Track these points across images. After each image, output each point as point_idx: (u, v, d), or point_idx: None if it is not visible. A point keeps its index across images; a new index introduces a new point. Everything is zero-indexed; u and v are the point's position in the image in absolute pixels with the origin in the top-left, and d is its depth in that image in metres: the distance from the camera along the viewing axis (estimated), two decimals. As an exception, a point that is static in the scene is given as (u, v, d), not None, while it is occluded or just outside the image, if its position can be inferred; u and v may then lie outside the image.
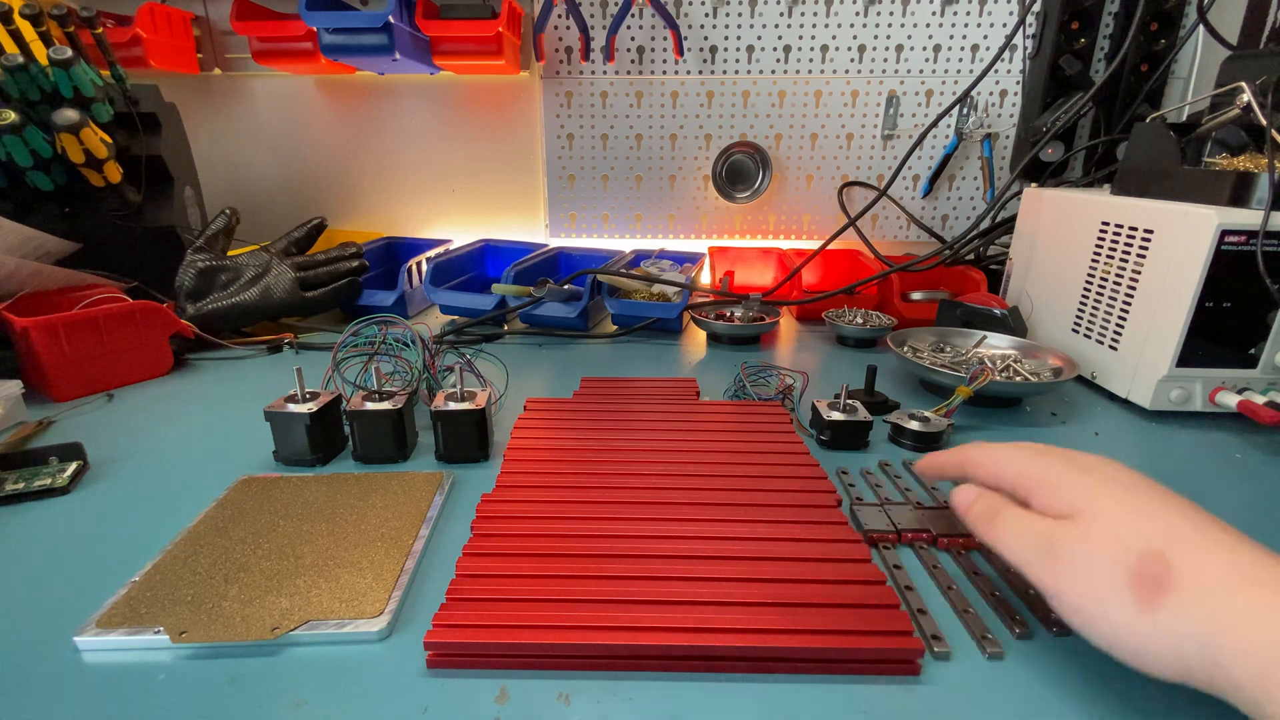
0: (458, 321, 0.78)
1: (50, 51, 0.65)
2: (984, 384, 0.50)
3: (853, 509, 0.39)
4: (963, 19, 0.91)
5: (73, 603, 0.31)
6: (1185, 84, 0.89)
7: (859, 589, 0.31)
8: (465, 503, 0.41)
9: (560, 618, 0.29)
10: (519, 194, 1.05)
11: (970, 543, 0.36)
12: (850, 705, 0.26)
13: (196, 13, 0.94)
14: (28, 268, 0.61)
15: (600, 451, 0.45)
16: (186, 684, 0.27)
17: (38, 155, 0.66)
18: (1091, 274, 0.61)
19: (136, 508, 0.40)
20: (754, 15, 0.92)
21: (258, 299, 0.71)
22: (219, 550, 0.35)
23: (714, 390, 0.59)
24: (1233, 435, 0.52)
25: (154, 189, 0.77)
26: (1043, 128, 0.83)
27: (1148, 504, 0.26)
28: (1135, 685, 0.27)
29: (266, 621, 0.29)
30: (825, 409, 0.49)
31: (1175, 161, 0.56)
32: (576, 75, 0.96)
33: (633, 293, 0.77)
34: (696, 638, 0.28)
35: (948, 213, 1.00)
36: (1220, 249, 0.49)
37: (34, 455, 0.44)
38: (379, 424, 0.45)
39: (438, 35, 0.86)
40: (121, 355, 0.59)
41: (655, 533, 0.35)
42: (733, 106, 0.97)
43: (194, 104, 0.99)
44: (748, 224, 1.03)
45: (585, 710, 0.26)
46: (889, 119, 0.96)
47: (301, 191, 1.06)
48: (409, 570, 0.34)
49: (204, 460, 0.47)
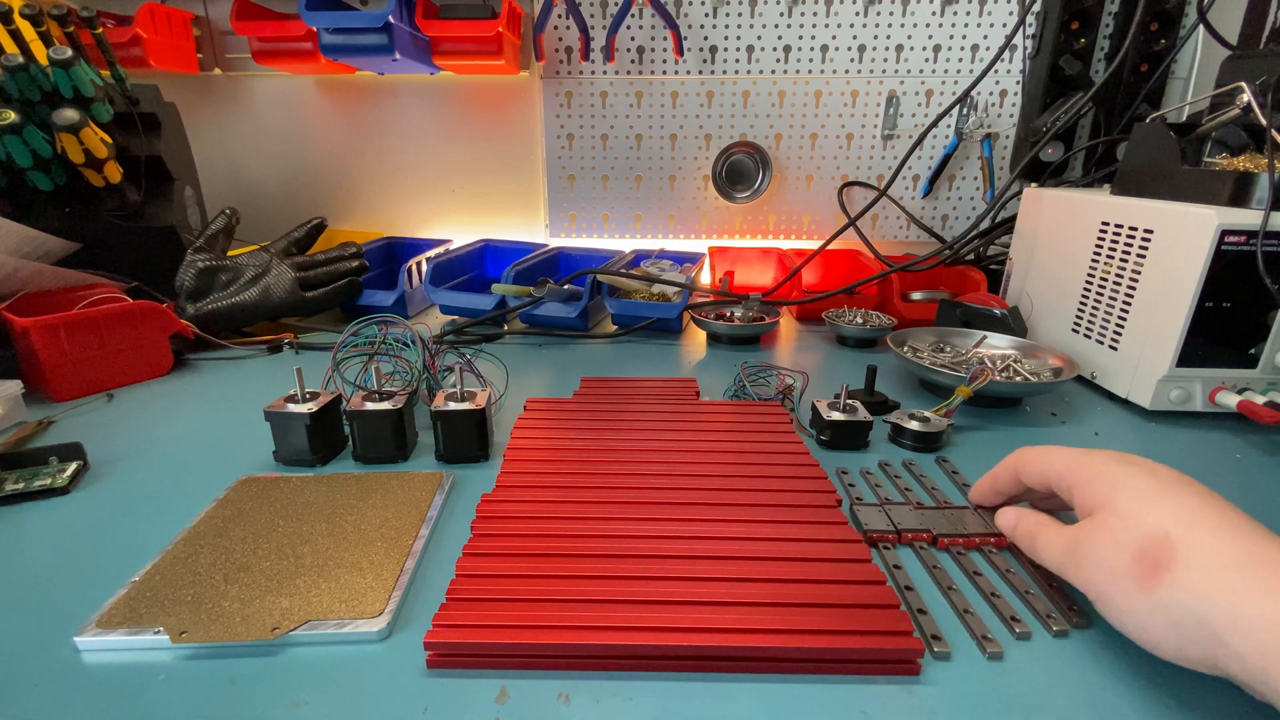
0: (458, 321, 0.78)
1: (50, 51, 0.65)
2: (984, 384, 0.50)
3: (853, 509, 0.39)
4: (963, 19, 0.91)
5: (73, 603, 0.31)
6: (1185, 84, 0.89)
7: (859, 589, 0.31)
8: (465, 503, 0.41)
9: (560, 618, 0.29)
10: (519, 194, 1.05)
11: (970, 543, 0.36)
12: (850, 705, 0.26)
13: (196, 13, 0.94)
14: (28, 268, 0.61)
15: (600, 451, 0.45)
16: (186, 684, 0.27)
17: (38, 155, 0.66)
18: (1091, 274, 0.61)
19: (136, 508, 0.40)
20: (754, 15, 0.92)
21: (258, 299, 0.71)
22: (219, 550, 0.35)
23: (714, 390, 0.59)
24: (1233, 435, 0.52)
25: (154, 189, 0.77)
26: (1043, 128, 0.83)
27: (1170, 495, 0.27)
28: (1135, 685, 0.27)
29: (266, 621, 0.29)
30: (825, 409, 0.49)
31: (1175, 161, 0.56)
32: (576, 75, 0.96)
33: (633, 293, 0.77)
34: (696, 638, 0.28)
35: (948, 213, 1.00)
36: (1220, 249, 0.49)
37: (34, 455, 0.44)
38: (379, 424, 0.45)
39: (438, 35, 0.86)
40: (121, 355, 0.59)
41: (655, 533, 0.35)
42: (733, 106, 0.97)
43: (194, 104, 0.99)
44: (748, 224, 1.03)
45: (585, 710, 0.26)
46: (889, 119, 0.96)
47: (301, 191, 1.06)
48: (409, 570, 0.34)
49: (204, 460, 0.47)
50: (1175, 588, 0.24)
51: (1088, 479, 0.30)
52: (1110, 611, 0.27)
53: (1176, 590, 0.24)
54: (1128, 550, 0.26)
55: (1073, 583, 0.29)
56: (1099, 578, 0.27)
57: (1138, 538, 0.26)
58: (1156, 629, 0.25)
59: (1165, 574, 0.25)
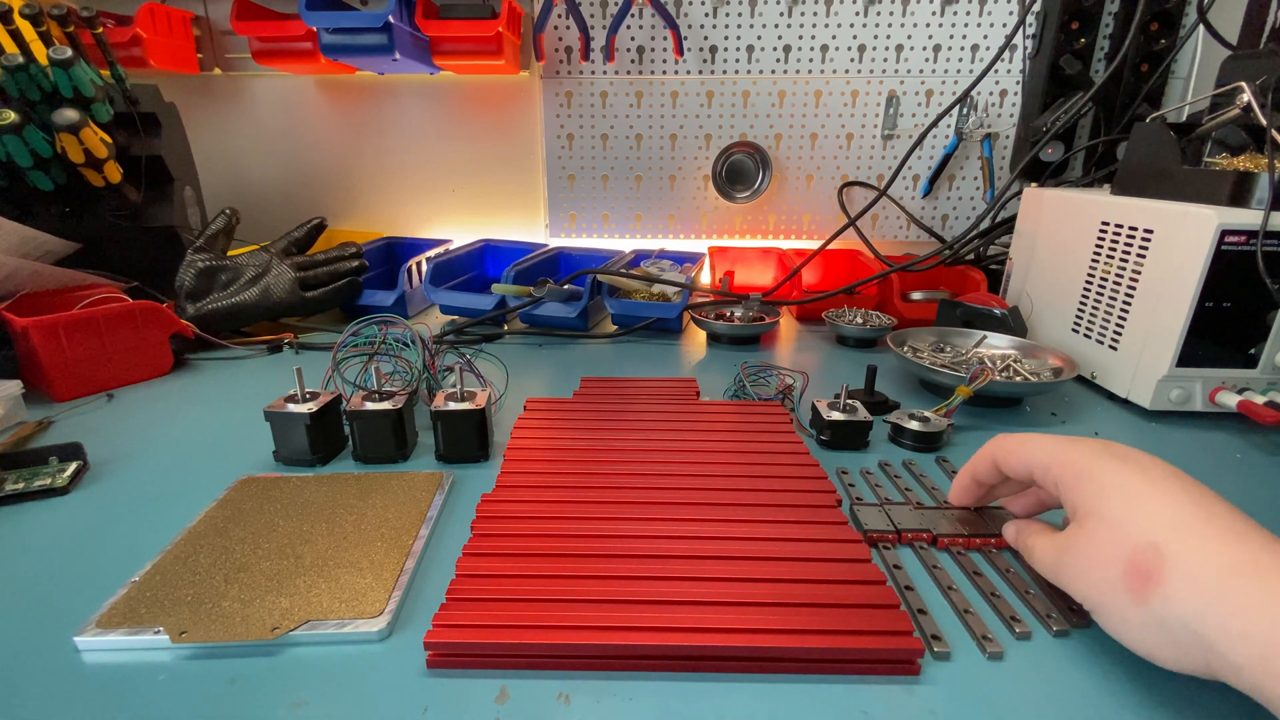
0: (458, 321, 0.78)
1: (50, 51, 0.65)
2: (984, 384, 0.50)
3: (853, 509, 0.39)
4: (963, 19, 0.91)
5: (73, 603, 0.31)
6: (1185, 84, 0.89)
7: (859, 589, 0.31)
8: (465, 503, 0.41)
9: (560, 618, 0.29)
10: (519, 194, 1.05)
11: (970, 543, 0.36)
12: (850, 705, 0.26)
13: (196, 13, 0.94)
14: (28, 268, 0.61)
15: (600, 451, 0.45)
16: (186, 684, 0.27)
17: (38, 155, 0.66)
18: (1091, 274, 0.61)
19: (136, 508, 0.40)
20: (754, 15, 0.92)
21: (258, 299, 0.71)
22: (219, 550, 0.35)
23: (714, 390, 0.59)
24: (1233, 435, 0.52)
25: (154, 189, 0.77)
26: (1043, 128, 0.83)
27: (1159, 497, 0.26)
28: (1135, 686, 0.27)
29: (266, 621, 0.29)
30: (825, 409, 0.49)
31: (1175, 161, 0.56)
32: (576, 75, 0.96)
33: (633, 293, 0.77)
34: (696, 638, 0.28)
35: (948, 213, 1.00)
36: (1220, 249, 0.49)
37: (34, 455, 0.44)
38: (379, 424, 0.45)
39: (438, 35, 0.86)
40: (121, 355, 0.59)
41: (655, 533, 0.35)
42: (733, 106, 0.97)
43: (194, 104, 0.99)
44: (748, 224, 1.03)
45: (585, 710, 0.26)
46: (889, 119, 0.96)
47: (301, 191, 1.06)
48: (409, 570, 0.34)
49: (204, 460, 0.47)
50: (1168, 600, 0.24)
51: (1074, 476, 0.29)
52: (1107, 622, 0.27)
53: (1169, 603, 0.24)
54: (1118, 563, 0.26)
55: (1068, 592, 0.29)
56: (1093, 590, 0.27)
57: (1128, 549, 0.26)
58: (1152, 640, 0.25)
59: (1156, 586, 0.24)
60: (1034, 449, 0.32)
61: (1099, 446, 0.30)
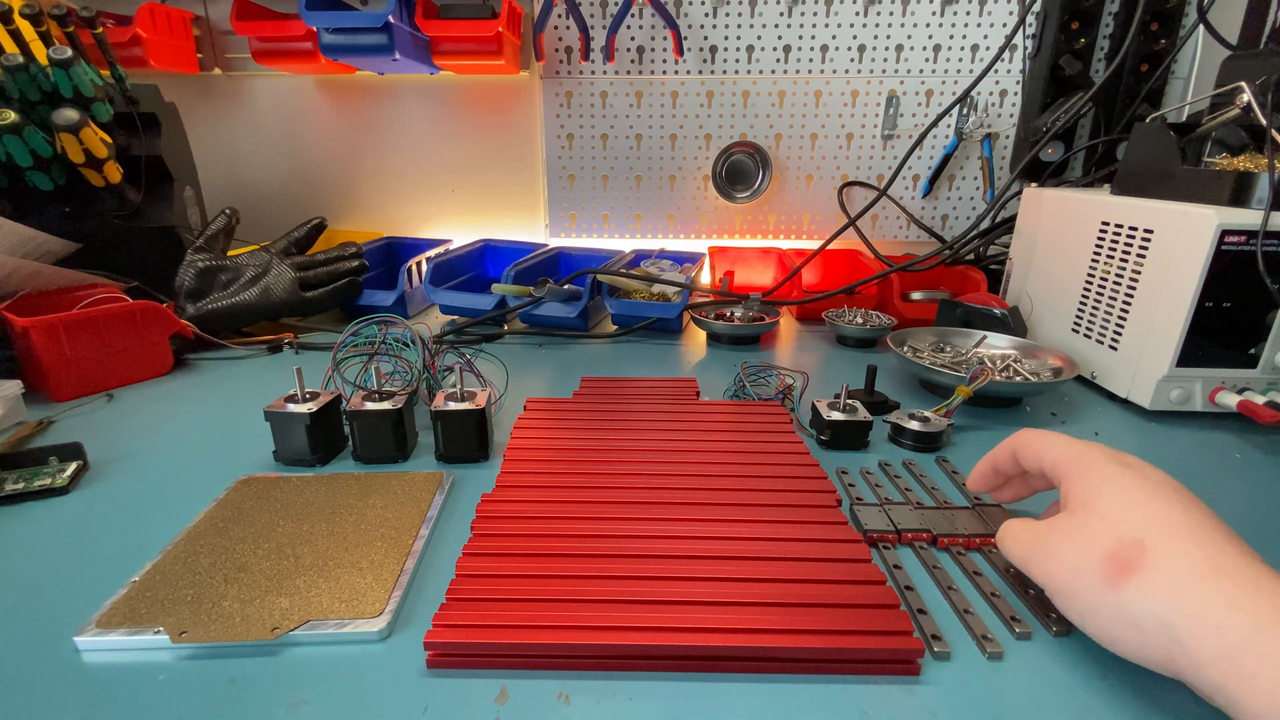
0: (458, 321, 0.78)
1: (50, 51, 0.65)
2: (984, 384, 0.50)
3: (853, 509, 0.39)
4: (963, 19, 0.91)
5: (73, 603, 0.31)
6: (1185, 84, 0.89)
7: (859, 589, 0.31)
8: (465, 503, 0.41)
9: (560, 618, 0.29)
10: (519, 194, 1.05)
11: (970, 543, 0.36)
12: (850, 705, 0.26)
13: (196, 13, 0.94)
14: (27, 268, 0.61)
15: (600, 451, 0.45)
16: (186, 684, 0.27)
17: (38, 155, 0.66)
18: (1091, 274, 0.61)
19: (136, 508, 0.40)
20: (754, 15, 0.92)
21: (258, 299, 0.71)
22: (219, 550, 0.35)
23: (714, 390, 0.59)
24: (1233, 435, 0.52)
25: (154, 189, 0.77)
26: (1043, 128, 0.83)
27: (1154, 502, 0.27)
28: (1135, 686, 0.27)
29: (266, 621, 0.29)
30: (825, 409, 0.49)
31: (1175, 161, 0.56)
32: (576, 75, 0.96)
33: (633, 293, 0.77)
34: (696, 638, 0.28)
35: (948, 213, 1.00)
36: (1220, 249, 0.49)
37: (34, 455, 0.44)
38: (379, 424, 0.45)
39: (438, 35, 0.86)
40: (121, 355, 0.59)
41: (655, 533, 0.35)
42: (733, 106, 0.97)
43: (194, 104, 0.99)
44: (748, 224, 1.03)
45: (585, 710, 0.26)
46: (889, 119, 0.96)
47: (301, 191, 1.06)
48: (409, 570, 0.34)
49: (204, 460, 0.47)
50: (1142, 590, 0.25)
51: (1079, 472, 0.30)
52: (1071, 606, 0.27)
53: (1143, 592, 0.25)
54: (1100, 550, 0.27)
55: (1034, 576, 0.30)
56: (1064, 573, 0.28)
57: (1113, 539, 0.26)
58: (1117, 627, 0.25)
59: (1133, 576, 0.25)
60: (1050, 444, 0.33)
61: (1111, 453, 0.31)
